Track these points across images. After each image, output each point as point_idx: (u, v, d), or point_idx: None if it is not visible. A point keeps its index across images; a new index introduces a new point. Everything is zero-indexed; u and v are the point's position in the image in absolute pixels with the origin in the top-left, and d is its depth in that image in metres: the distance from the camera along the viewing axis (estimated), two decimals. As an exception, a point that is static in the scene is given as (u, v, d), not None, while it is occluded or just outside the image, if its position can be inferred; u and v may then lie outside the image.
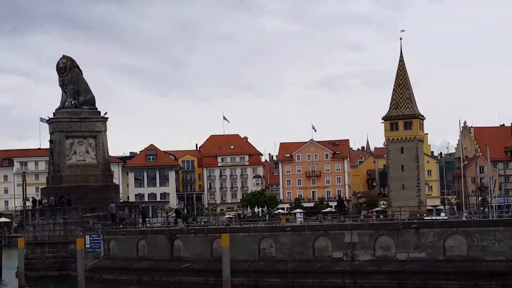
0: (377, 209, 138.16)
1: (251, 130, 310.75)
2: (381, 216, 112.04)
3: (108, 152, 65.41)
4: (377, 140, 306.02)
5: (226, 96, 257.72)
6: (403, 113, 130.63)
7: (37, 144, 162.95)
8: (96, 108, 65.55)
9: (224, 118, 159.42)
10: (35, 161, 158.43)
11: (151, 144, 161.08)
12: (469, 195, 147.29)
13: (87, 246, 59.64)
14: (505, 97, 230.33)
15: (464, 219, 50.06)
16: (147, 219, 63.71)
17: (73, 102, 64.70)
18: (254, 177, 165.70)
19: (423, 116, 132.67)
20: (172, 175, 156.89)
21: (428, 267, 41.49)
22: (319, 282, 44.71)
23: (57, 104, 65.28)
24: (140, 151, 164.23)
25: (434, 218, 55.62)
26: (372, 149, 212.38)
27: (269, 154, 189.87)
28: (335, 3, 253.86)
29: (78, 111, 64.61)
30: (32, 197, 68.36)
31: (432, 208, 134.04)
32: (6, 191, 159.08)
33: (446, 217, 60.99)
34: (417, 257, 42.17)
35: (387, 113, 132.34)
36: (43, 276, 58.74)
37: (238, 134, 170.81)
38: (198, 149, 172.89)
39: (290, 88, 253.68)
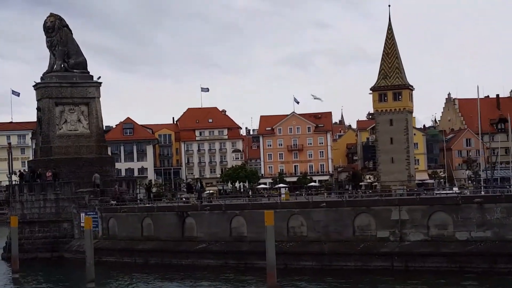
0: (363, 183, 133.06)
1: (227, 105, 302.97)
2: (370, 191, 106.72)
3: (102, 121, 58.38)
4: (355, 113, 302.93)
5: (194, 73, 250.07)
6: (392, 83, 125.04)
7: (8, 118, 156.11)
8: (88, 72, 58.46)
9: (202, 89, 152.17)
10: (6, 135, 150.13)
11: (128, 118, 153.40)
12: (455, 168, 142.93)
13: (82, 224, 52.80)
14: (489, 69, 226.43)
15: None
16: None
17: (62, 65, 57.50)
18: (233, 151, 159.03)
19: (412, 86, 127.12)
20: (150, 150, 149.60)
21: (495, 248, 35.49)
22: (362, 265, 38.60)
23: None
24: (116, 125, 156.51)
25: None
26: (347, 123, 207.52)
27: (246, 128, 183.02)
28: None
29: (68, 75, 57.45)
30: (19, 170, 60.99)
31: (420, 181, 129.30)
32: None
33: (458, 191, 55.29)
34: (481, 236, 36.15)
35: (375, 84, 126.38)
36: (33, 258, 51.95)
37: (216, 107, 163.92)
38: (175, 122, 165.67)
39: (258, 66, 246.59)
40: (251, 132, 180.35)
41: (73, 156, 56.34)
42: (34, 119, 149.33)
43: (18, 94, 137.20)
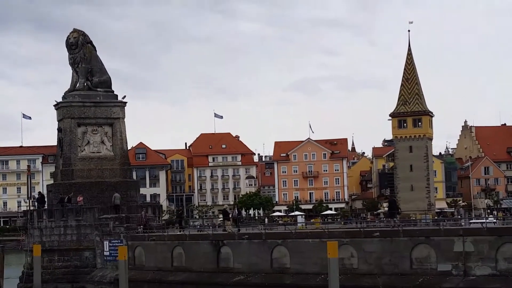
0: (380, 211, 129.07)
1: (239, 130, 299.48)
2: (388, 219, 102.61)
3: (127, 143, 54.68)
4: (365, 140, 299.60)
5: (202, 96, 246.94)
6: (412, 110, 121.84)
7: (18, 143, 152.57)
8: (113, 91, 54.76)
9: (216, 115, 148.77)
10: (16, 160, 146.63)
11: (140, 142, 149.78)
12: (475, 197, 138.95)
13: (106, 253, 49.03)
14: (506, 96, 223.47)
15: None
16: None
17: (85, 84, 53.85)
18: (247, 177, 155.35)
19: (432, 113, 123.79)
20: (162, 175, 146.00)
21: None
22: (422, 301, 34.54)
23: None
24: (128, 150, 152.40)
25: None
26: (358, 150, 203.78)
27: (258, 154, 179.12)
28: (309, 7, 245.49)
29: (92, 94, 53.76)
30: (40, 192, 57.07)
31: (439, 210, 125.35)
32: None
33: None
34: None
35: (394, 110, 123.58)
36: (52, 289, 48.01)
37: (230, 133, 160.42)
38: (188, 148, 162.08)
39: (265, 90, 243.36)
40: (263, 158, 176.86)
41: (95, 180, 52.51)
42: (44, 143, 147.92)
43: (29, 118, 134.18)
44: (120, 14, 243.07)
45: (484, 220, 53.57)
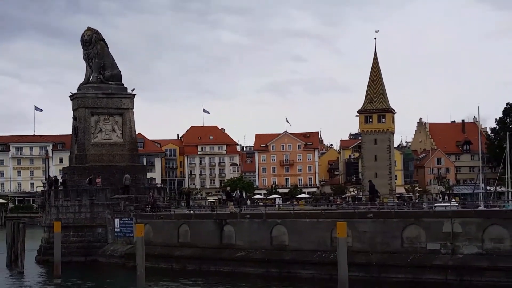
0: (347, 195, 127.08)
1: (223, 124, 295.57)
2: (356, 202, 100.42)
3: (135, 131, 51.63)
4: (331, 134, 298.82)
5: (189, 97, 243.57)
6: (377, 107, 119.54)
7: (31, 132, 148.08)
8: (123, 84, 51.77)
9: (204, 111, 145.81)
10: (30, 147, 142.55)
11: (139, 133, 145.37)
12: (427, 184, 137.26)
13: (117, 230, 46.20)
14: (455, 97, 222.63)
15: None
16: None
17: (98, 77, 50.81)
18: (231, 165, 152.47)
19: (394, 110, 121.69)
20: (158, 162, 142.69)
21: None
22: (413, 277, 32.15)
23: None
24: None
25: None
26: (326, 143, 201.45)
27: (240, 144, 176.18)
28: (283, 20, 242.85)
29: (104, 86, 50.75)
30: (54, 176, 54.01)
31: (399, 195, 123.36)
32: (2, 174, 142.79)
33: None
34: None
35: (362, 107, 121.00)
36: (67, 262, 44.58)
37: (216, 126, 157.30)
38: (179, 138, 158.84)
39: (243, 91, 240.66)
40: (244, 149, 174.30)
41: (107, 164, 49.59)
42: (54, 132, 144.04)
43: (41, 110, 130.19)
44: (117, 24, 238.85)
45: (449, 204, 51.58)
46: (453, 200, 69.89)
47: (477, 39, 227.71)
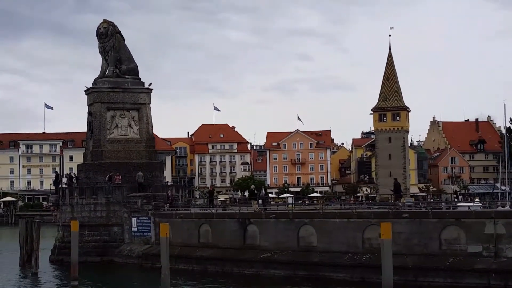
0: (360, 194, 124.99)
1: (233, 122, 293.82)
2: (370, 201, 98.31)
3: (152, 127, 49.63)
4: (344, 134, 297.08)
5: (196, 96, 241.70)
6: (391, 105, 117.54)
7: (41, 129, 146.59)
8: (140, 78, 49.84)
9: (215, 108, 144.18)
10: (39, 144, 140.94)
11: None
12: (441, 183, 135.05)
13: (134, 229, 44.29)
14: (469, 96, 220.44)
15: None
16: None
17: (114, 71, 48.89)
18: (241, 163, 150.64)
19: (409, 108, 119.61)
20: (168, 160, 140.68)
21: None
22: (452, 282, 30.07)
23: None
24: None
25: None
26: (337, 142, 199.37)
27: (250, 143, 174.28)
28: (289, 19, 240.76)
29: (120, 80, 48.83)
30: (69, 173, 52.16)
31: (413, 194, 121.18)
32: (12, 171, 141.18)
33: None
34: None
35: (376, 105, 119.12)
36: (82, 262, 42.54)
37: (227, 124, 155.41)
38: (190, 137, 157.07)
39: (247, 91, 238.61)
40: (254, 147, 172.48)
41: (123, 161, 47.68)
42: (64, 130, 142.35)
43: (51, 108, 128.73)
44: (125, 23, 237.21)
45: (472, 204, 49.52)
46: (476, 200, 67.80)
47: (486, 38, 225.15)
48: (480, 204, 46.43)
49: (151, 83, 49.38)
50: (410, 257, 31.76)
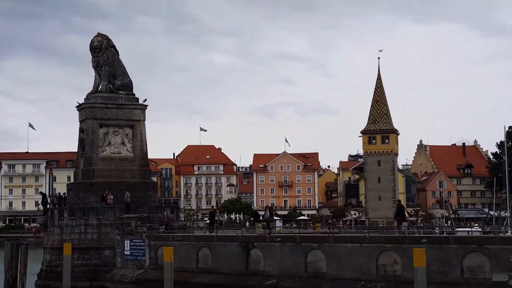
0: (347, 218, 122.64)
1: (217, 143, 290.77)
2: (359, 225, 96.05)
3: (146, 145, 47.09)
4: (329, 157, 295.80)
5: (182, 118, 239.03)
6: (380, 128, 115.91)
7: (25, 148, 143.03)
8: (134, 94, 47.47)
9: (201, 129, 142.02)
10: (22, 164, 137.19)
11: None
12: (429, 208, 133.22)
13: (127, 252, 41.54)
14: (456, 120, 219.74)
15: None
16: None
17: (108, 86, 46.49)
18: (228, 185, 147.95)
19: (398, 131, 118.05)
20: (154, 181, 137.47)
21: None
22: (476, 313, 27.81)
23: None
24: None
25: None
26: (322, 165, 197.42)
27: (236, 165, 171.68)
28: (274, 43, 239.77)
29: (114, 96, 46.42)
30: (59, 193, 49.42)
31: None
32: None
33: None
34: None
35: (365, 127, 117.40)
36: (71, 288, 40.11)
37: (213, 145, 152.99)
38: (175, 157, 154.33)
39: (232, 113, 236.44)
40: (240, 169, 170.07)
41: (115, 180, 45.10)
42: (47, 149, 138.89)
43: (34, 129, 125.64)
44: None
45: (471, 229, 47.58)
46: (475, 225, 65.91)
47: (472, 63, 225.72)
48: (480, 230, 44.54)
49: (145, 99, 47.10)
50: (430, 286, 29.39)
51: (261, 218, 39.52)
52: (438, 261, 29.66)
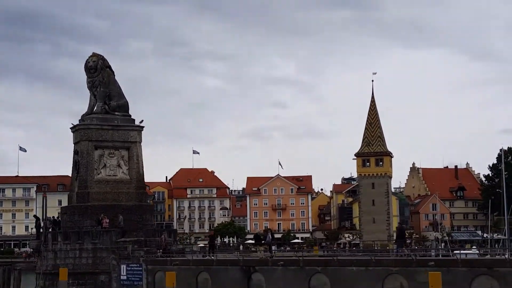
0: (341, 241, 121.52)
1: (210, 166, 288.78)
2: (353, 248, 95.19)
3: (143, 167, 46.09)
4: (322, 180, 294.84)
5: (172, 142, 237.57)
6: (374, 150, 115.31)
7: (15, 173, 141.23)
8: (130, 115, 46.60)
9: (194, 152, 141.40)
10: (12, 188, 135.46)
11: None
12: (423, 230, 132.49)
13: (123, 277, 40.29)
14: (448, 141, 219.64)
15: None
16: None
17: (103, 107, 45.63)
18: (221, 208, 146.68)
19: (391, 154, 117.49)
20: (151, 204, 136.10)
21: None
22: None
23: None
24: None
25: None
26: (315, 187, 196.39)
27: (229, 188, 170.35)
28: (265, 67, 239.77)
29: (109, 117, 45.54)
30: (52, 216, 48.25)
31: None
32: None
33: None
34: None
35: (359, 150, 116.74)
36: (65, 315, 38.82)
37: (206, 168, 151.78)
38: (168, 181, 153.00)
39: (224, 137, 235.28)
40: (233, 192, 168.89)
41: (111, 203, 44.04)
42: (38, 173, 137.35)
43: (25, 150, 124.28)
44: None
45: (470, 251, 46.84)
46: (473, 247, 65.26)
47: (459, 88, 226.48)
48: (477, 252, 43.71)
49: (142, 121, 46.35)
50: (437, 310, 28.43)
51: (262, 242, 38.42)
52: (447, 285, 28.58)
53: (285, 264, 33.40)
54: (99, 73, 45.26)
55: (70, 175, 47.09)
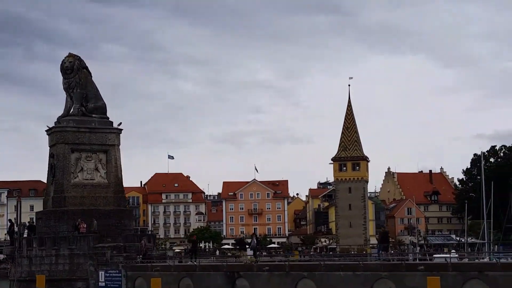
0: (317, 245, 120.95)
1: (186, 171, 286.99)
2: (330, 253, 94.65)
3: (121, 171, 44.73)
4: (298, 185, 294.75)
5: (149, 146, 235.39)
6: (351, 155, 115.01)
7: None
8: (108, 118, 45.24)
9: (169, 156, 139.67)
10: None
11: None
12: (398, 234, 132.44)
13: (101, 284, 38.95)
14: (422, 146, 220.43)
15: None
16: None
17: (80, 109, 44.20)
18: (196, 213, 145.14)
19: (368, 158, 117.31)
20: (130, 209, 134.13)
21: None
22: None
23: None
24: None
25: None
26: (291, 192, 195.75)
27: (204, 193, 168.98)
28: (243, 71, 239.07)
29: (86, 119, 44.12)
30: (29, 222, 46.66)
31: (372, 245, 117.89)
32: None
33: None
34: None
35: (336, 154, 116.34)
36: (40, 323, 37.36)
37: (181, 173, 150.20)
38: (143, 186, 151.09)
39: (200, 141, 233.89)
40: (209, 197, 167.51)
41: (88, 208, 42.62)
42: (8, 178, 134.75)
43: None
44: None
45: (449, 255, 46.34)
46: (453, 251, 64.78)
47: (436, 93, 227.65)
48: (457, 256, 43.20)
49: (120, 123, 44.92)
50: (427, 316, 27.70)
51: (247, 246, 37.41)
52: (437, 289, 27.93)
53: (270, 269, 32.39)
54: (75, 74, 43.85)
55: (43, 180, 45.61)
